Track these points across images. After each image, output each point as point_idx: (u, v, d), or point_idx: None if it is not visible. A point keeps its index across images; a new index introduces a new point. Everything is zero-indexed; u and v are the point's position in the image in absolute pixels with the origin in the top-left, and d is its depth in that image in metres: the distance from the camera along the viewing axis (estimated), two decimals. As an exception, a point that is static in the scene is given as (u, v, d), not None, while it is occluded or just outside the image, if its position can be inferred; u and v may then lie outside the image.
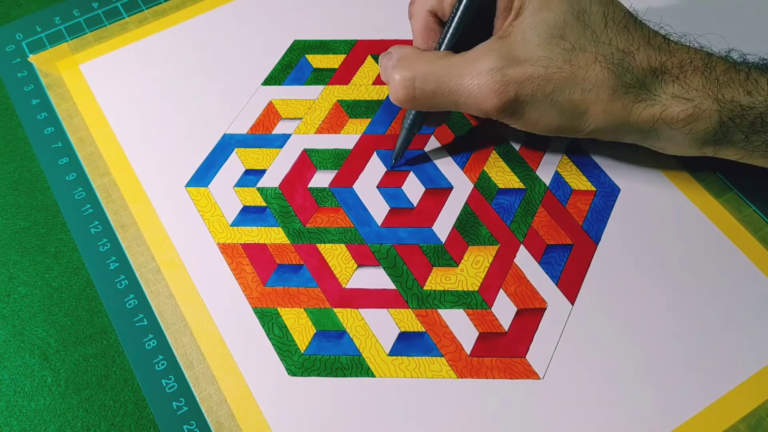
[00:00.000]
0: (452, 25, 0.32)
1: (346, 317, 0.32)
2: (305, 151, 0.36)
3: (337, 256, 0.33)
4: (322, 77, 0.39)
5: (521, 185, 0.35)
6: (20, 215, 0.35)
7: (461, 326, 0.31)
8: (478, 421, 0.29)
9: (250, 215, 0.34)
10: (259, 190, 0.35)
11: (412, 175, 0.35)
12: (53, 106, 0.38)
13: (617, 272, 0.33)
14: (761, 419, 0.29)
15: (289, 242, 0.33)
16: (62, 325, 0.32)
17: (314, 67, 0.39)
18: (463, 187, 0.35)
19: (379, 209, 0.34)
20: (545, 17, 0.30)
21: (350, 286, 0.32)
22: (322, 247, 0.33)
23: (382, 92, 0.38)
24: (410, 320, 0.31)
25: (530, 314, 0.31)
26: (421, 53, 0.31)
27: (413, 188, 0.35)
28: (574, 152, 0.36)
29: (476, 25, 0.32)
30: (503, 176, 0.35)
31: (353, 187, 0.35)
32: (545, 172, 0.35)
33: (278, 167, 0.36)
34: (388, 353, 0.31)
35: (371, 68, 0.39)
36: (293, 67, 0.39)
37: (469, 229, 0.34)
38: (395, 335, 0.31)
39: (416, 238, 0.33)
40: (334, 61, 0.39)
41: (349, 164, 0.36)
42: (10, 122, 0.38)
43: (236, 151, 0.36)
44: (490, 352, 0.31)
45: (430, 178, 0.35)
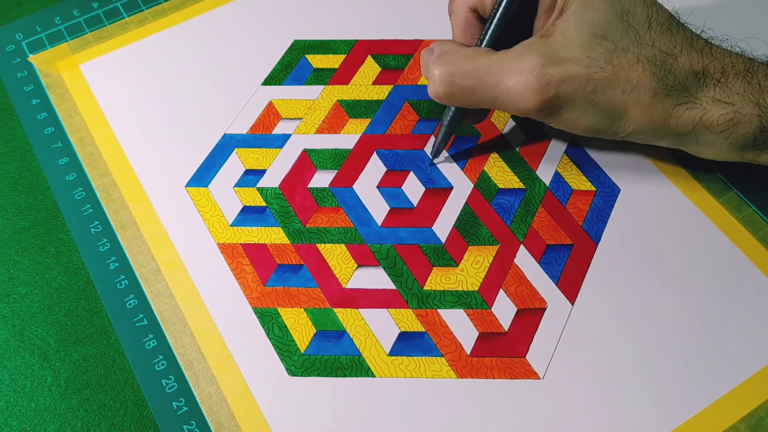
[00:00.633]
0: (494, 22, 0.31)
1: (346, 317, 0.32)
2: (305, 151, 0.36)
3: (337, 256, 0.33)
4: (322, 77, 0.39)
5: (521, 185, 0.35)
6: (20, 215, 0.35)
7: (461, 326, 0.31)
8: (478, 421, 0.29)
9: (250, 215, 0.34)
10: (259, 190, 0.35)
11: (412, 175, 0.35)
12: (53, 106, 0.38)
13: (617, 272, 0.32)
14: (761, 419, 0.29)
15: (289, 242, 0.33)
16: (62, 325, 0.32)
17: (314, 67, 0.39)
18: (463, 187, 0.35)
19: (379, 209, 0.34)
20: (588, 17, 0.29)
21: (350, 286, 0.32)
22: (322, 247, 0.33)
23: (382, 92, 0.38)
24: (410, 320, 0.31)
25: (530, 314, 0.31)
26: (462, 49, 0.31)
27: (413, 188, 0.35)
28: (574, 152, 0.36)
29: (516, 23, 0.32)
30: (503, 176, 0.35)
31: (353, 187, 0.35)
32: (545, 172, 0.35)
33: (278, 167, 0.36)
34: (388, 353, 0.31)
35: (371, 68, 0.39)
36: (293, 67, 0.39)
37: (469, 229, 0.34)
38: (395, 335, 0.31)
39: (416, 238, 0.33)
40: (334, 61, 0.39)
41: (349, 164, 0.36)
42: (10, 122, 0.38)
43: (236, 151, 0.36)
44: (490, 352, 0.31)
45: (429, 178, 0.35)
